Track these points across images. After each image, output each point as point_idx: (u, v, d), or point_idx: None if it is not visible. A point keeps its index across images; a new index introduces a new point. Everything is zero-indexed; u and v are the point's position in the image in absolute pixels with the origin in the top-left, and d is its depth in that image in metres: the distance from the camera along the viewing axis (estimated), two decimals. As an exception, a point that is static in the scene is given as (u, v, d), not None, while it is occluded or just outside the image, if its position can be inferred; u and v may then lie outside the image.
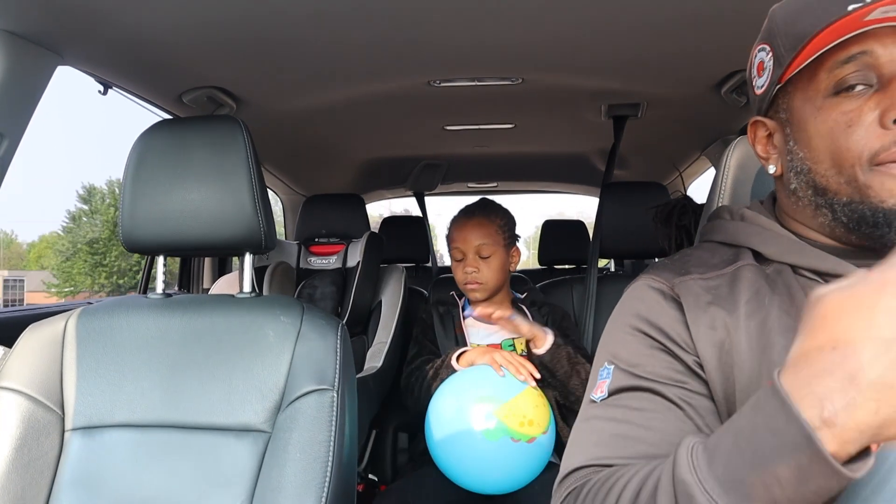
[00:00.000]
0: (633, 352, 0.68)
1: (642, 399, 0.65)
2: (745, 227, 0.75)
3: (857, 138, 0.62)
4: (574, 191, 3.59)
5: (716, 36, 1.33)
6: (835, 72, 0.64)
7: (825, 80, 0.65)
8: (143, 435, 0.97)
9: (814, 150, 0.66)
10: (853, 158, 0.63)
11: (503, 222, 1.65)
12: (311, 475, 0.89)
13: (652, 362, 0.67)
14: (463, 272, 1.61)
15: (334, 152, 2.48)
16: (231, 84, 1.59)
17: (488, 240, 1.60)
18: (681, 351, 0.66)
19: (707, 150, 2.28)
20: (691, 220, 1.02)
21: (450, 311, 1.68)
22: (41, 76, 1.20)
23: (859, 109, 0.63)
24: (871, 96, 0.63)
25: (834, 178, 0.65)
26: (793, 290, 0.66)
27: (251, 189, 1.01)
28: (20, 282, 33.70)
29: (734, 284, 0.69)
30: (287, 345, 0.98)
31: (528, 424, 1.25)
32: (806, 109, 0.67)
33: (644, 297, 0.72)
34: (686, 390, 0.64)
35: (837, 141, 0.64)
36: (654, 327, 0.68)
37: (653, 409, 0.64)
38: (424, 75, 1.61)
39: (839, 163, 0.64)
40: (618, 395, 0.67)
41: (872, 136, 0.62)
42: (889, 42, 0.62)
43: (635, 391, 0.66)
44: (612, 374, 0.68)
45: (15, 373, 0.99)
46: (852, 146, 0.63)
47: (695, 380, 0.65)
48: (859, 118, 0.62)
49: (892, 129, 0.61)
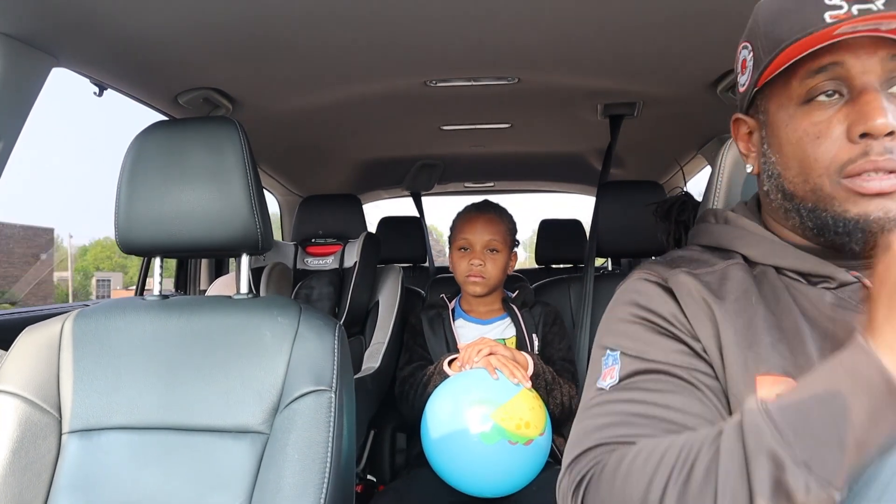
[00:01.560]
0: (638, 339, 0.68)
1: (657, 381, 0.64)
2: (730, 230, 0.75)
3: (824, 150, 0.63)
4: (571, 190, 3.59)
5: (711, 35, 1.33)
6: (806, 81, 0.64)
7: (797, 89, 0.65)
8: (140, 437, 0.96)
9: (784, 156, 0.67)
10: (821, 169, 0.64)
11: (510, 225, 1.70)
12: (310, 476, 0.89)
13: (659, 347, 0.67)
14: (469, 264, 1.62)
15: (330, 153, 2.48)
16: (227, 85, 1.59)
17: (498, 236, 1.64)
18: (685, 336, 0.67)
19: (703, 149, 2.29)
20: (691, 216, 1.04)
21: (440, 314, 1.68)
22: (36, 78, 1.19)
23: (829, 121, 0.63)
24: (840, 108, 0.63)
25: (801, 186, 0.66)
26: (778, 291, 0.67)
27: (247, 190, 1.01)
28: (107, 281, 37.20)
29: (724, 282, 0.69)
30: (284, 346, 0.98)
31: (524, 426, 1.25)
32: (780, 116, 0.68)
33: (640, 289, 0.72)
34: (697, 371, 0.65)
35: (806, 151, 0.64)
36: (656, 314, 0.69)
37: (671, 389, 0.63)
38: (420, 75, 1.61)
39: (806, 172, 0.65)
40: (630, 378, 0.66)
41: (840, 148, 0.62)
42: (862, 53, 0.62)
43: (649, 373, 0.65)
44: (621, 361, 0.67)
45: (11, 375, 0.98)
46: (820, 157, 0.63)
47: (702, 363, 0.65)
48: (828, 130, 0.63)
49: (858, 143, 0.61)
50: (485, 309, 1.68)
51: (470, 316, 1.68)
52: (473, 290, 1.63)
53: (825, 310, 0.65)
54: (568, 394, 1.49)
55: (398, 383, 1.61)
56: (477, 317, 1.68)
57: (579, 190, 3.52)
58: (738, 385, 0.63)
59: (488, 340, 1.44)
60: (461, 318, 1.68)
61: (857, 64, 0.62)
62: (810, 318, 0.65)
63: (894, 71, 0.62)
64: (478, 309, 1.69)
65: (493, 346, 1.41)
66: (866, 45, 0.61)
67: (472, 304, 1.69)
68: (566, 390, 1.49)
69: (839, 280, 0.66)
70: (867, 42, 0.61)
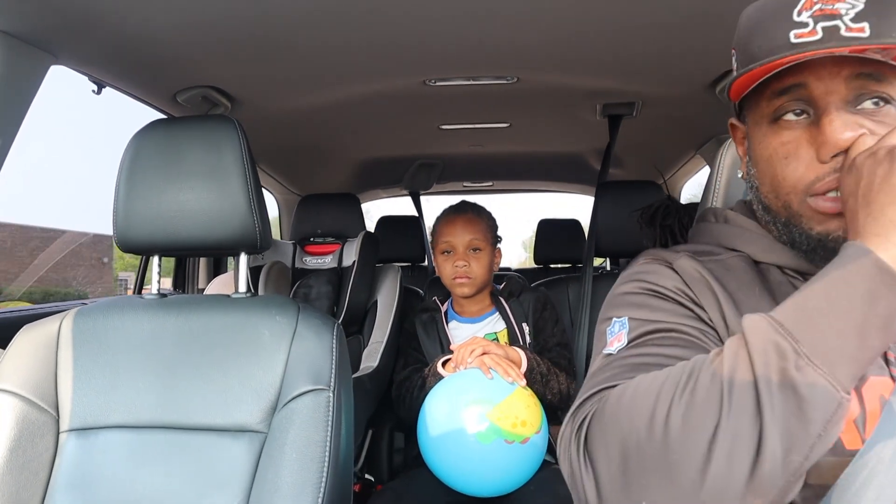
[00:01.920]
0: (647, 308, 0.68)
1: (665, 339, 0.64)
2: (729, 229, 0.76)
3: (791, 169, 0.64)
4: (569, 190, 3.59)
5: (710, 35, 1.33)
6: (773, 101, 0.65)
7: (766, 108, 0.66)
8: (138, 436, 0.96)
9: (760, 171, 0.69)
10: (789, 188, 0.64)
11: (490, 222, 1.70)
12: (308, 475, 0.88)
13: (668, 313, 0.66)
14: (453, 266, 1.62)
15: (329, 152, 2.47)
16: (225, 84, 1.59)
17: (479, 235, 1.64)
18: (693, 305, 0.67)
19: (702, 150, 2.29)
20: (675, 221, 1.04)
21: (433, 318, 1.68)
22: (35, 76, 1.19)
23: (796, 142, 0.64)
24: (806, 128, 0.63)
25: (773, 201, 0.67)
26: (782, 286, 0.68)
27: (246, 189, 1.01)
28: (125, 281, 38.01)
29: (728, 270, 0.70)
30: (283, 345, 0.98)
31: (521, 425, 1.25)
32: (756, 132, 0.69)
33: (647, 268, 0.72)
34: (707, 335, 0.65)
35: (775, 169, 0.65)
36: (664, 288, 0.69)
37: (682, 345, 0.63)
38: (419, 74, 1.61)
39: (776, 189, 0.66)
40: (638, 340, 0.65)
41: (808, 167, 0.63)
42: (825, 73, 0.61)
43: (657, 334, 0.65)
44: (629, 325, 0.67)
45: (9, 374, 0.98)
46: (788, 176, 0.64)
47: (710, 329, 0.66)
48: (796, 151, 0.64)
49: (829, 163, 0.61)
50: (476, 308, 1.69)
51: (462, 317, 1.69)
52: (462, 292, 1.63)
53: None
54: (565, 381, 1.49)
55: (394, 387, 1.62)
56: (469, 316, 1.68)
57: (578, 190, 3.52)
58: None
59: (480, 340, 1.44)
60: (454, 320, 1.68)
61: (819, 85, 0.62)
62: None
63: (861, 88, 0.61)
64: (469, 309, 1.69)
65: (486, 345, 1.41)
66: (828, 66, 0.61)
67: (463, 304, 1.69)
68: (563, 378, 1.49)
69: None
70: (829, 62, 0.61)
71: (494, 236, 1.70)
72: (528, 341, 1.59)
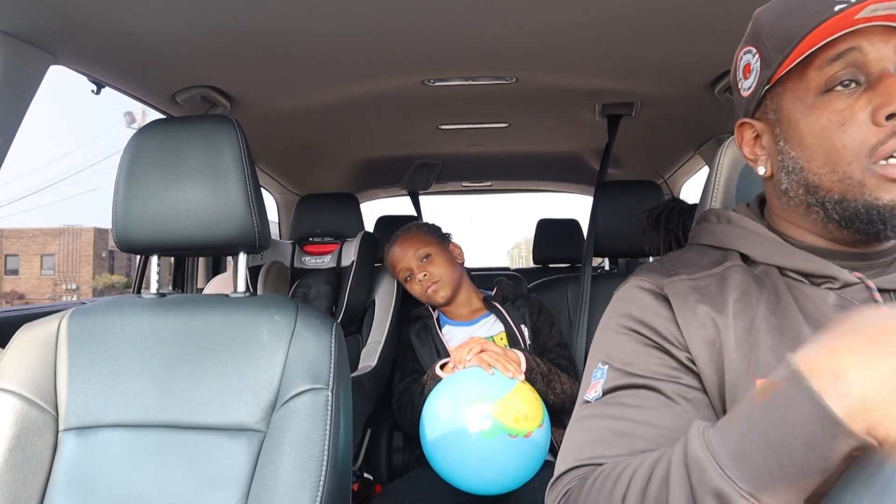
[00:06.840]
0: (625, 350, 0.69)
1: (638, 396, 0.65)
2: (732, 229, 0.75)
3: (851, 135, 0.62)
4: (568, 190, 3.59)
5: (709, 35, 1.33)
6: (824, 70, 0.64)
7: (815, 79, 0.65)
8: (137, 435, 0.96)
9: (806, 148, 0.66)
10: (850, 156, 0.63)
11: (427, 228, 1.74)
12: (306, 475, 0.89)
13: (645, 360, 0.67)
14: (418, 283, 1.66)
15: (328, 151, 2.48)
16: (224, 84, 1.59)
17: (422, 244, 1.67)
18: (673, 348, 0.67)
19: (701, 149, 2.29)
20: (679, 223, 1.02)
21: (426, 325, 1.69)
22: (34, 76, 1.19)
23: (851, 108, 0.63)
24: (861, 94, 0.63)
25: (827, 176, 0.65)
26: (780, 291, 0.67)
27: (245, 188, 1.01)
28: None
29: (723, 284, 0.69)
30: (281, 344, 0.98)
31: (523, 420, 1.25)
32: (797, 108, 0.67)
33: (634, 297, 0.72)
34: (681, 385, 0.65)
35: (832, 139, 0.64)
36: (646, 326, 0.69)
37: (649, 405, 0.64)
38: (418, 74, 1.61)
39: (834, 160, 0.64)
40: (612, 393, 0.67)
41: (867, 132, 0.62)
42: (877, 40, 0.62)
43: (631, 388, 0.66)
44: (606, 374, 0.69)
45: (8, 373, 0.98)
46: (848, 143, 0.63)
47: (688, 375, 0.66)
48: (852, 116, 0.63)
49: (885, 126, 0.61)
50: (465, 310, 1.69)
51: (454, 321, 1.69)
52: (438, 298, 1.65)
53: (827, 310, 0.65)
54: (568, 381, 1.50)
55: (395, 399, 1.62)
56: (461, 319, 1.68)
57: (577, 189, 3.53)
58: (740, 389, 0.63)
59: (478, 339, 1.44)
60: (447, 325, 1.68)
61: (873, 50, 0.62)
62: (812, 319, 0.65)
63: None
64: (459, 312, 1.69)
65: (484, 343, 1.42)
66: (879, 33, 0.62)
67: (450, 309, 1.70)
68: (565, 378, 1.49)
69: (842, 280, 0.66)
70: (879, 30, 0.62)
71: (441, 236, 1.73)
72: (528, 343, 1.59)
